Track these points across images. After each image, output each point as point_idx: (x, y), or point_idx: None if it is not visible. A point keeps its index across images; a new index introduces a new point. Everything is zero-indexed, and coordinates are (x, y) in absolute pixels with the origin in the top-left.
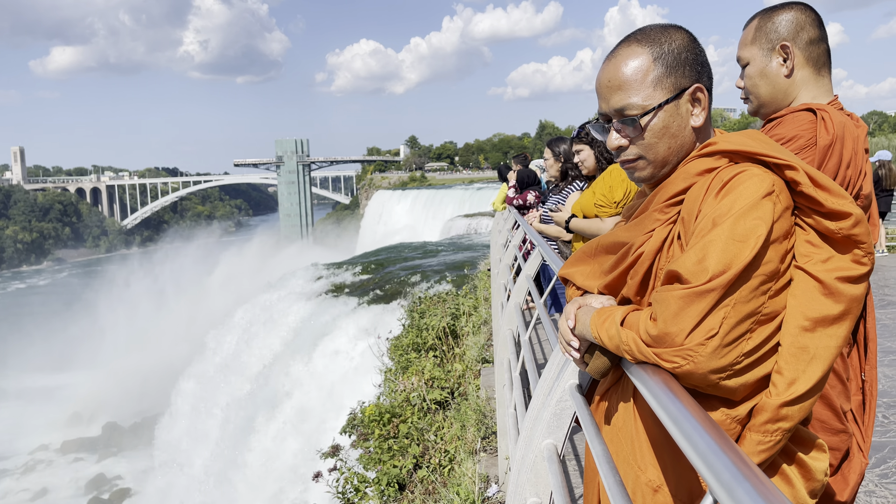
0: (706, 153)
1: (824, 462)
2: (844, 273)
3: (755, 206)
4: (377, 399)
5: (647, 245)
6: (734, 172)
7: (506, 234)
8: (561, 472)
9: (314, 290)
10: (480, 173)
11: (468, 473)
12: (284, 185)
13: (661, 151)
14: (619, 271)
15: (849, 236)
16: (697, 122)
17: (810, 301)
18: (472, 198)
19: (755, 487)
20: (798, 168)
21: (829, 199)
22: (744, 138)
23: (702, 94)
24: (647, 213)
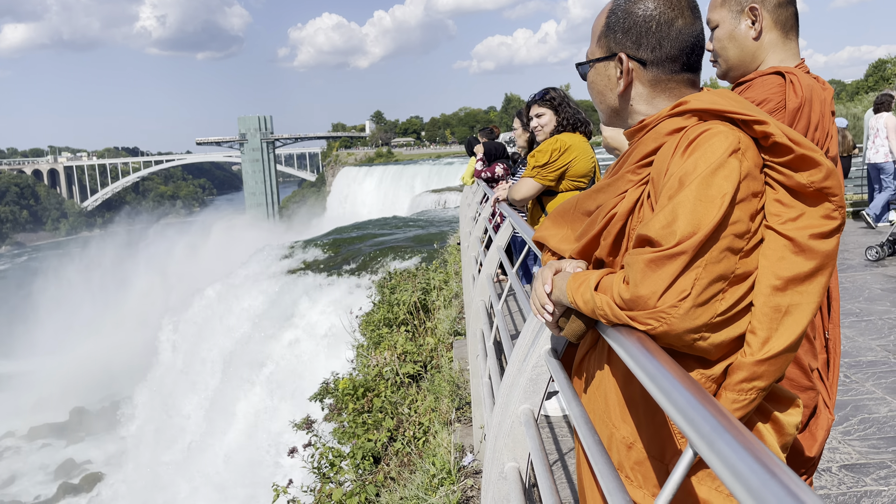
0: (676, 112)
1: (796, 417)
2: (816, 229)
3: (721, 165)
4: (350, 374)
5: (620, 206)
6: (700, 130)
7: (475, 207)
8: (538, 436)
9: (282, 268)
10: (447, 148)
11: (443, 444)
12: (248, 163)
13: (597, 102)
14: (592, 234)
15: (821, 189)
16: (619, 90)
17: (780, 260)
18: (439, 173)
19: (736, 438)
20: (768, 122)
21: (800, 148)
22: (714, 97)
23: (623, 64)
24: (619, 175)
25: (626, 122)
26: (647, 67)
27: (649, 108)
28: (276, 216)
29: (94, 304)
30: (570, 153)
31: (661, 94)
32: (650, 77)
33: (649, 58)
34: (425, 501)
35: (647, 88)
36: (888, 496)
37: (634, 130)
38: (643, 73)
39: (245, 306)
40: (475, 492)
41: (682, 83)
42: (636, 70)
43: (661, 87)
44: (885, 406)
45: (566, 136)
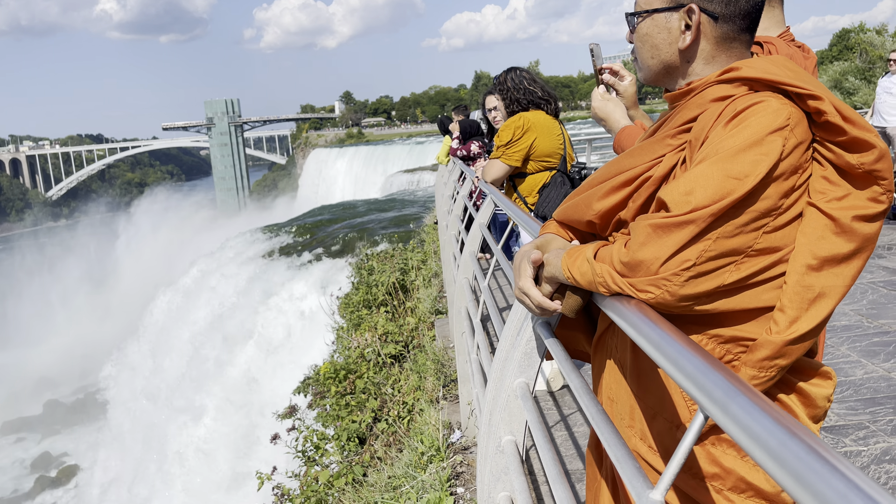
0: (725, 79)
1: (827, 388)
2: (860, 211)
3: (760, 142)
4: (331, 357)
5: (656, 170)
6: (749, 102)
7: (452, 185)
8: (535, 408)
9: (256, 252)
10: (418, 127)
11: (431, 421)
12: (217, 147)
13: (645, 58)
14: (622, 195)
15: (871, 171)
16: (682, 45)
17: (820, 239)
18: (411, 152)
19: (750, 399)
20: (823, 98)
21: (854, 130)
22: (768, 64)
23: (693, 17)
24: (656, 139)
25: (675, 81)
26: (717, 22)
27: (706, 67)
28: (247, 200)
29: (66, 296)
30: (532, 132)
31: (723, 54)
32: (719, 34)
33: (723, 11)
34: (414, 478)
35: (712, 46)
36: (868, 455)
37: (680, 94)
38: (712, 29)
39: (220, 293)
40: (464, 467)
41: (743, 44)
42: (705, 24)
43: (725, 46)
44: (861, 369)
45: (529, 115)
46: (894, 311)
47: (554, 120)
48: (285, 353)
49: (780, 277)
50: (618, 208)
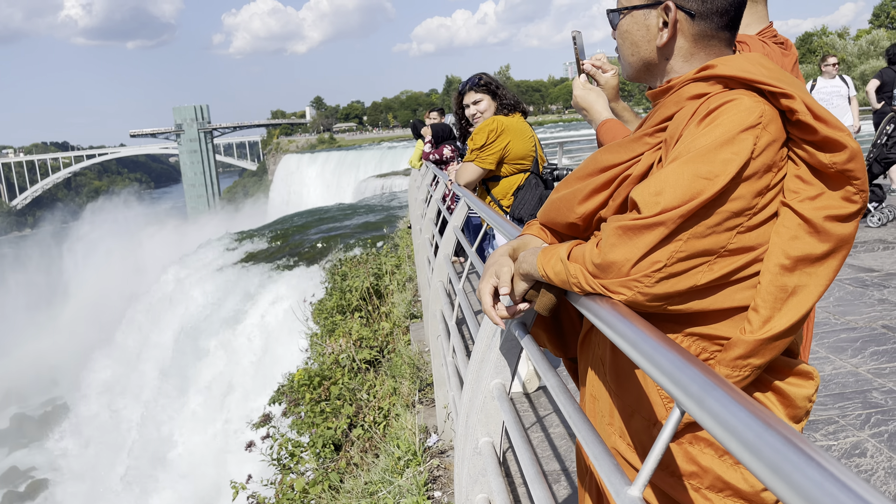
0: (701, 77)
1: (808, 388)
2: (833, 211)
3: (731, 141)
4: (305, 363)
5: (635, 169)
6: (722, 100)
7: (426, 189)
8: (512, 409)
9: (227, 260)
10: (390, 132)
11: (407, 426)
12: (186, 154)
13: (626, 55)
14: (604, 195)
15: (843, 171)
16: (660, 42)
17: (793, 239)
18: (384, 157)
19: (727, 393)
20: (795, 96)
21: (826, 129)
22: (744, 62)
23: (670, 14)
24: (635, 137)
25: (656, 78)
26: (694, 20)
27: (685, 65)
28: (217, 207)
29: (32, 306)
30: (506, 135)
31: (702, 51)
32: (696, 31)
33: (699, 9)
34: (391, 484)
35: (690, 43)
36: (838, 450)
37: (660, 91)
38: (689, 26)
39: (191, 301)
40: (441, 471)
41: (722, 41)
42: (682, 21)
43: (703, 44)
44: (829, 364)
45: (502, 118)
46: (861, 307)
47: (525, 122)
48: (259, 360)
49: (754, 277)
50: (599, 209)
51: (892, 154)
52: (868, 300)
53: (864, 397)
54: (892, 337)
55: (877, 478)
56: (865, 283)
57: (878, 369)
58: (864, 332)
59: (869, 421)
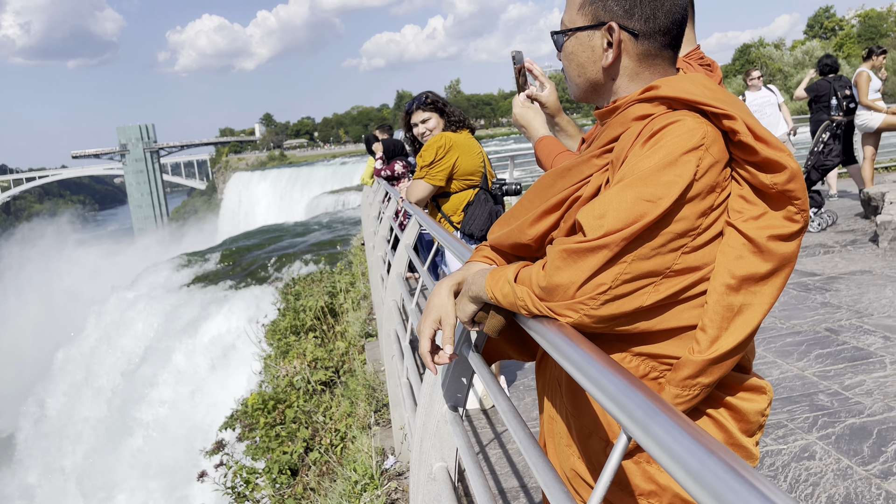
0: (645, 98)
1: (760, 403)
2: (776, 231)
3: (674, 163)
4: (259, 387)
5: (584, 190)
6: (665, 122)
7: (378, 206)
8: (465, 434)
9: (176, 282)
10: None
11: (363, 448)
12: (132, 174)
13: (572, 77)
14: (554, 217)
15: (784, 191)
16: (605, 63)
17: (738, 259)
18: (336, 173)
19: (672, 419)
20: (737, 117)
21: (766, 150)
22: (686, 84)
23: (613, 35)
24: (584, 159)
25: (603, 98)
26: (638, 40)
27: (631, 84)
28: (166, 228)
29: None
30: (455, 151)
31: (646, 71)
32: (640, 51)
33: (642, 29)
34: None
35: (634, 63)
36: (788, 454)
37: (607, 111)
38: (633, 46)
39: (139, 327)
40: (399, 493)
41: (666, 60)
42: (626, 42)
43: (648, 63)
44: (777, 369)
45: (450, 134)
46: (805, 311)
47: (473, 139)
48: (211, 386)
49: (701, 297)
50: (551, 230)
51: (829, 161)
52: (811, 304)
53: (810, 400)
54: (836, 339)
55: (826, 480)
56: (808, 287)
57: (823, 372)
58: (809, 336)
59: (816, 423)
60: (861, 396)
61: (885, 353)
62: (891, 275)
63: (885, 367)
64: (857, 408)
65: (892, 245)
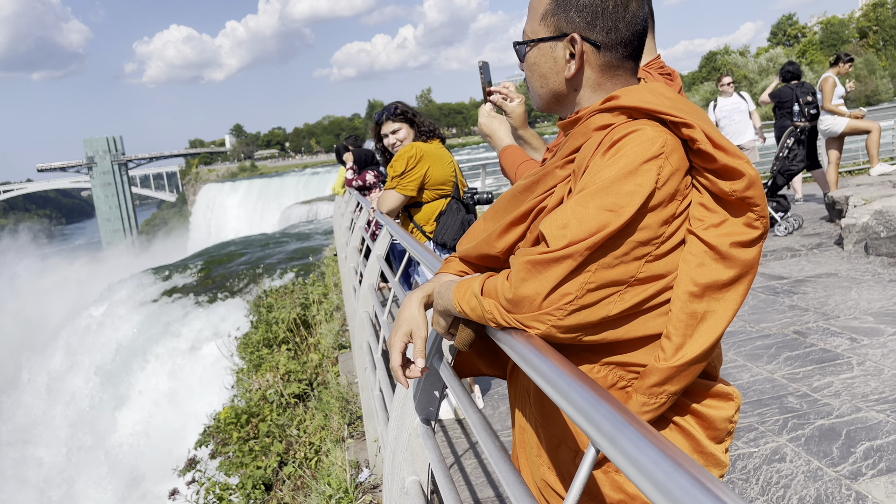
0: (606, 108)
1: (726, 410)
2: (737, 237)
3: (635, 172)
4: (231, 401)
5: (549, 201)
6: (625, 131)
7: (349, 216)
8: (437, 448)
9: (147, 296)
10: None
11: (338, 462)
12: (100, 187)
13: (535, 87)
14: (520, 229)
15: (743, 198)
16: (567, 74)
17: (700, 266)
18: (308, 183)
19: (639, 431)
20: (695, 126)
21: (724, 157)
22: (646, 94)
23: (576, 46)
24: (548, 170)
25: (566, 108)
26: (600, 51)
27: (594, 95)
28: (135, 241)
29: None
30: (426, 161)
31: (609, 82)
32: (602, 62)
33: (604, 40)
34: None
35: (597, 74)
36: (759, 456)
37: (570, 122)
38: (595, 57)
39: (106, 343)
40: None
41: (628, 71)
42: (588, 53)
43: (610, 74)
44: (747, 372)
45: (421, 144)
46: (773, 314)
47: (444, 148)
48: (182, 402)
49: (665, 305)
50: (518, 241)
51: (794, 166)
52: (779, 307)
53: (780, 402)
54: (804, 342)
55: (797, 482)
56: (776, 290)
57: (792, 374)
58: (778, 339)
59: (786, 426)
60: (829, 398)
61: (851, 354)
62: (856, 277)
63: (853, 368)
64: (825, 409)
65: (856, 248)
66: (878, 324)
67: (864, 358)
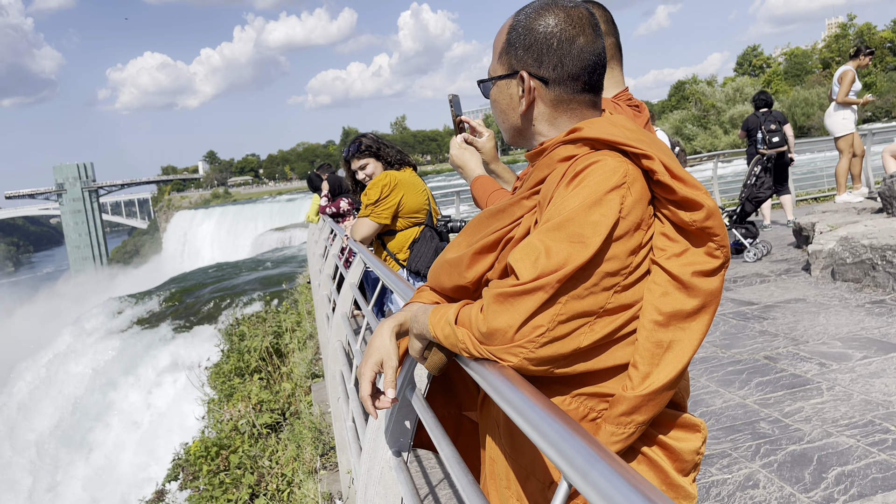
0: (569, 139)
1: (693, 442)
2: (699, 267)
3: (598, 203)
4: (202, 432)
5: (516, 231)
6: (588, 162)
7: (323, 243)
8: (410, 481)
9: (116, 326)
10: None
11: (310, 494)
12: (69, 214)
13: (499, 122)
14: (490, 259)
15: (703, 228)
16: (521, 109)
17: (664, 296)
18: (282, 210)
19: (611, 465)
20: (654, 157)
21: (683, 189)
22: (607, 125)
23: (525, 82)
24: (515, 200)
25: (529, 141)
26: (549, 86)
27: (551, 128)
28: (105, 269)
29: None
30: (400, 189)
31: (564, 115)
32: (552, 96)
33: (551, 76)
34: None
35: (550, 108)
36: (733, 483)
37: (535, 153)
38: (545, 92)
39: (75, 373)
40: None
41: (583, 104)
42: (538, 88)
43: (564, 108)
44: (720, 398)
45: (394, 173)
46: (744, 340)
47: (417, 176)
48: (152, 433)
49: (633, 334)
50: (487, 271)
51: (762, 193)
52: (750, 332)
53: (752, 428)
54: (774, 367)
55: None
56: (746, 316)
57: (763, 399)
58: (749, 364)
59: (759, 451)
60: (800, 423)
61: (821, 379)
62: (823, 302)
63: (822, 393)
64: (797, 434)
65: (823, 273)
66: (845, 349)
67: (834, 383)
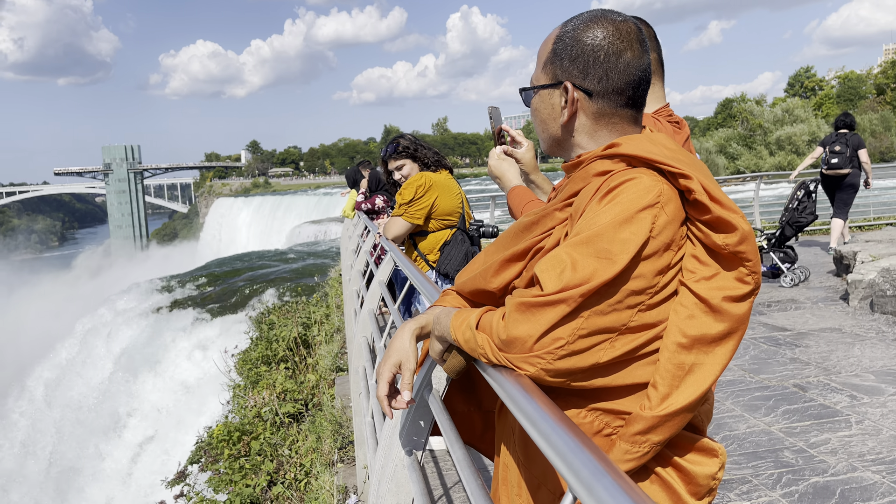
0: (607, 154)
1: (709, 467)
2: (729, 292)
3: (629, 220)
4: (225, 417)
5: (546, 242)
6: (623, 179)
7: (356, 239)
8: (422, 480)
9: (151, 306)
10: (327, 178)
11: (326, 486)
12: (114, 194)
13: (539, 132)
14: (517, 267)
15: (735, 253)
16: (562, 120)
17: (690, 318)
18: (319, 203)
19: (616, 482)
20: (692, 177)
21: (719, 210)
22: (646, 142)
23: (568, 93)
24: (548, 211)
25: (567, 153)
26: (592, 98)
27: (591, 141)
28: (145, 250)
29: None
30: (434, 191)
31: (604, 129)
32: (595, 109)
33: (595, 88)
34: None
35: (591, 121)
36: None
37: (572, 165)
38: (588, 105)
39: (110, 351)
40: None
41: (625, 119)
42: (581, 100)
43: (605, 121)
44: (744, 423)
45: (430, 174)
46: (774, 365)
47: (452, 179)
48: (180, 414)
49: (655, 354)
50: (514, 279)
51: (803, 218)
52: (781, 359)
53: (776, 456)
54: (803, 396)
55: None
56: (778, 341)
57: (789, 428)
58: (777, 391)
59: (781, 480)
60: (826, 455)
61: (850, 412)
62: (859, 333)
63: (851, 426)
64: (821, 466)
65: (861, 304)
66: (879, 382)
67: (864, 416)
